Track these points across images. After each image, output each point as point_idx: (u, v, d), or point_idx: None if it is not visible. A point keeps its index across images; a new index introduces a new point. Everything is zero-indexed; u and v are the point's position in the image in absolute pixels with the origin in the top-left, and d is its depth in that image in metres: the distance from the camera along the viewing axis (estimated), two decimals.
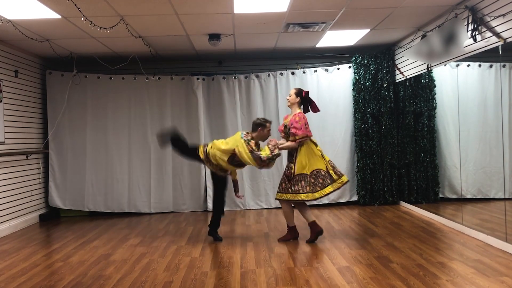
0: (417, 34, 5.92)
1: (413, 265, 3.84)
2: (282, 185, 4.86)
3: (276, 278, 3.67)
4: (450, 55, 5.09)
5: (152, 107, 7.07)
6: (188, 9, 4.74)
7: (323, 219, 6.07)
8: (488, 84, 4.80)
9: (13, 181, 6.05)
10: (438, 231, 5.12)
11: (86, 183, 6.97)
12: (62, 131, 6.96)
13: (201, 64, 7.43)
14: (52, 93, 6.92)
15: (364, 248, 4.48)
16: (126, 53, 6.70)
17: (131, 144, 7.05)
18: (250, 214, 6.72)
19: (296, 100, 4.91)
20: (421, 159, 6.16)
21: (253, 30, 5.73)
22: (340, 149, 7.10)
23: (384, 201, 6.95)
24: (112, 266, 4.19)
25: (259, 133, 4.81)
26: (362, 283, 3.45)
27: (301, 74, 7.16)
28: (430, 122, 5.98)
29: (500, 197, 4.58)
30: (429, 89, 5.97)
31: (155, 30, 5.51)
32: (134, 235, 5.51)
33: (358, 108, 6.97)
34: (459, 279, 3.46)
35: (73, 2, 4.16)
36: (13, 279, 3.88)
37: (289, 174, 4.79)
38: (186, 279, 3.73)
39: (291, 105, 4.96)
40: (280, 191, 4.87)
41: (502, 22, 4.18)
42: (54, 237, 5.64)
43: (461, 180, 5.21)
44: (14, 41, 5.82)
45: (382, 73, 6.91)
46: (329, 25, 5.58)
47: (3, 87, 5.88)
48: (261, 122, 4.85)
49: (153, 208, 7.01)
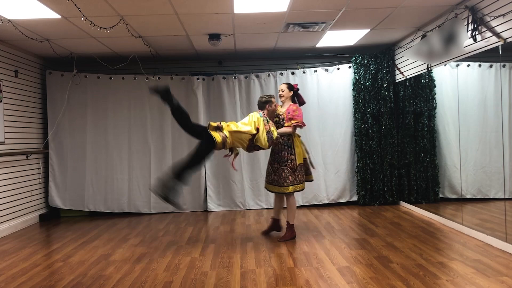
0: (417, 34, 5.92)
1: (413, 265, 3.85)
2: (289, 178, 4.86)
3: (276, 278, 3.67)
4: (450, 55, 5.09)
5: (152, 107, 7.06)
6: (188, 9, 4.75)
7: (323, 219, 6.08)
8: (488, 84, 4.79)
9: (13, 181, 6.05)
10: (438, 231, 5.13)
11: (86, 183, 6.97)
12: (62, 131, 6.96)
13: (201, 64, 7.43)
14: (52, 93, 6.92)
15: (364, 248, 4.48)
16: (126, 53, 6.71)
17: (131, 144, 7.05)
18: (250, 214, 6.71)
19: (290, 94, 5.09)
20: (421, 159, 6.16)
21: (253, 30, 5.73)
22: (340, 149, 7.11)
23: (384, 201, 6.95)
24: (112, 266, 4.19)
25: (268, 110, 4.86)
26: (362, 283, 3.46)
27: (301, 74, 7.16)
28: (430, 122, 5.98)
29: (500, 197, 4.58)
30: (429, 89, 5.97)
31: (155, 30, 5.51)
32: (134, 235, 5.51)
33: (358, 108, 6.97)
34: (459, 279, 3.47)
35: (73, 2, 4.16)
36: (13, 279, 3.88)
37: (293, 166, 4.88)
38: (186, 279, 3.73)
39: (285, 100, 5.09)
40: (288, 184, 4.86)
41: (502, 22, 4.18)
42: (54, 237, 5.64)
43: (461, 180, 5.21)
44: (14, 41, 5.82)
45: (382, 73, 6.91)
46: (329, 25, 5.58)
47: (3, 87, 5.88)
48: (267, 99, 4.89)
49: (153, 208, 7.01)
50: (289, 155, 4.90)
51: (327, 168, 7.11)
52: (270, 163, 5.03)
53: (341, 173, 7.10)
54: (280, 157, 4.91)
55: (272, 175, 4.97)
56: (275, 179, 4.92)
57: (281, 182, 4.87)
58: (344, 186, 7.12)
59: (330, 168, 7.10)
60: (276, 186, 4.93)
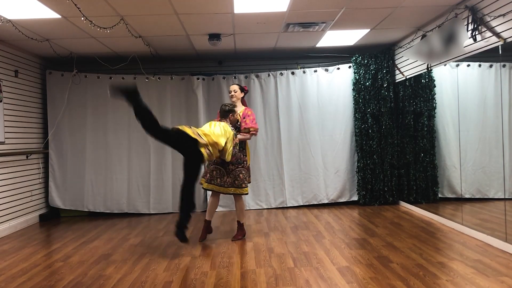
0: (417, 34, 5.92)
1: (413, 265, 3.85)
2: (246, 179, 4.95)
3: (276, 278, 3.67)
4: (450, 55, 5.09)
5: (152, 107, 6.89)
6: (188, 9, 4.75)
7: (323, 219, 6.08)
8: (488, 84, 4.79)
9: (13, 181, 6.05)
10: (438, 231, 5.13)
11: (86, 183, 6.97)
12: (62, 131, 6.96)
13: (201, 64, 7.43)
14: (52, 93, 6.92)
15: (364, 248, 4.48)
16: (126, 53, 6.70)
17: (130, 144, 7.05)
18: (250, 214, 6.71)
19: (241, 95, 5.21)
20: (420, 159, 6.17)
21: (253, 30, 5.73)
22: (340, 149, 7.11)
23: (384, 201, 6.95)
24: (112, 266, 4.19)
25: (230, 119, 4.89)
26: (362, 283, 3.46)
27: (301, 74, 7.16)
28: (429, 122, 5.98)
29: (499, 197, 4.58)
30: (429, 89, 5.97)
31: (155, 30, 5.51)
32: (134, 235, 5.51)
33: (358, 108, 6.97)
34: (459, 279, 3.47)
35: (73, 2, 4.16)
36: (13, 279, 3.88)
37: (248, 167, 5.03)
38: (186, 279, 3.74)
39: (236, 101, 5.15)
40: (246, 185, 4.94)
41: (502, 22, 4.18)
42: (54, 237, 5.64)
43: (460, 180, 5.21)
44: (14, 41, 5.82)
45: (382, 73, 6.92)
46: (329, 25, 5.58)
47: (3, 87, 5.88)
48: (231, 108, 4.90)
49: (152, 208, 7.01)
50: (244, 156, 4.96)
51: (327, 168, 7.11)
52: (220, 164, 4.87)
53: (341, 173, 7.10)
54: (236, 159, 4.89)
55: (224, 177, 4.88)
56: (228, 181, 4.87)
57: (239, 184, 4.87)
58: (344, 186, 7.12)
59: (330, 168, 7.11)
60: (233, 188, 4.88)
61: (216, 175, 4.91)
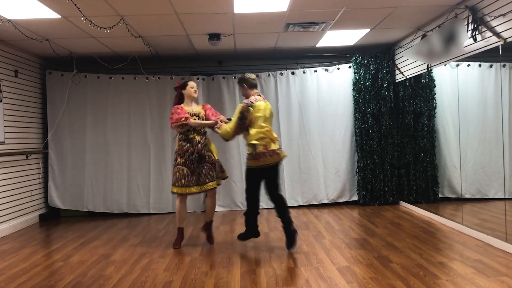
0: (417, 34, 5.92)
1: (413, 265, 3.85)
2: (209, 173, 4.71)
3: (276, 278, 3.67)
4: (450, 55, 5.09)
5: (152, 107, 7.06)
6: (188, 9, 4.74)
7: (322, 219, 6.08)
8: (488, 84, 4.79)
9: (13, 181, 6.05)
10: (438, 231, 5.13)
11: (86, 183, 6.97)
12: (62, 131, 6.96)
13: (201, 64, 7.43)
14: (52, 93, 6.92)
15: (364, 248, 4.48)
16: (126, 53, 6.70)
17: (130, 144, 7.04)
18: None
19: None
20: (420, 159, 6.16)
21: (253, 30, 5.73)
22: (340, 149, 7.11)
23: (385, 201, 6.95)
24: (112, 266, 4.19)
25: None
26: (362, 283, 3.46)
27: (301, 74, 7.16)
28: (430, 122, 5.98)
29: (499, 197, 4.58)
30: (429, 89, 5.97)
31: (155, 30, 5.51)
32: (134, 235, 5.51)
33: (358, 108, 6.97)
34: (459, 279, 3.46)
35: (73, 2, 4.16)
36: (13, 279, 3.88)
37: (212, 162, 4.78)
38: (186, 279, 3.73)
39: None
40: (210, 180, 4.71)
41: (502, 22, 4.18)
42: (54, 237, 5.64)
43: (461, 180, 5.21)
44: (14, 41, 5.81)
45: (382, 73, 6.91)
46: (329, 25, 5.58)
47: (3, 87, 5.88)
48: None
49: (152, 208, 7.01)
50: (206, 152, 4.76)
51: (327, 168, 7.11)
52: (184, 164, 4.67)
53: (341, 173, 7.10)
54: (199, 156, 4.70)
55: (189, 176, 4.65)
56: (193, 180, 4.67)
57: (202, 180, 4.68)
58: (344, 186, 7.12)
59: (330, 168, 7.11)
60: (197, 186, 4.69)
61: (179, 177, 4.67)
